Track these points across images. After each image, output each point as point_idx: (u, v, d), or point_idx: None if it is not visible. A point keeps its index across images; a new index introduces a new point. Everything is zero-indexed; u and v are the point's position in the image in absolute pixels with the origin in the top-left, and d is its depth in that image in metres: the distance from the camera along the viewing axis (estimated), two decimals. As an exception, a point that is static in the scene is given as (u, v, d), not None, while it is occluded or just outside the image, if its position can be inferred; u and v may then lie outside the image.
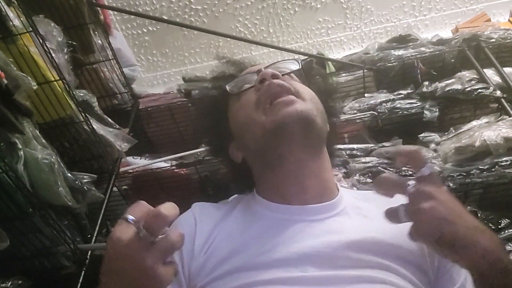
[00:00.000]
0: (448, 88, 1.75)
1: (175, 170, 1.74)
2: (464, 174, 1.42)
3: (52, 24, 1.49)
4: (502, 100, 1.67)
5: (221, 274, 0.62)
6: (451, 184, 1.43)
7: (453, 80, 1.79)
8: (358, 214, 0.68)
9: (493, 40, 1.95)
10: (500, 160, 1.42)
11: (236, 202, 0.74)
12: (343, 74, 2.03)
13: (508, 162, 1.41)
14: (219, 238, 0.66)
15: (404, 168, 1.51)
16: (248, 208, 0.71)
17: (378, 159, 1.58)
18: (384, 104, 1.82)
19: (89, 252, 1.37)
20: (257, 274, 0.60)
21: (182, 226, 0.69)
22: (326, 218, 0.66)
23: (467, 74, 1.83)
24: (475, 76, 1.80)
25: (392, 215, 0.55)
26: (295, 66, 0.77)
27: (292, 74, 0.77)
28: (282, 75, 0.71)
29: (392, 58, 1.97)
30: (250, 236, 0.65)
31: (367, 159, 1.59)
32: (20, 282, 1.23)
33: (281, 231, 0.64)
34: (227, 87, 0.75)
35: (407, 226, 0.57)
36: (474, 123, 1.62)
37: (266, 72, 0.69)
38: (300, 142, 0.66)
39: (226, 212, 0.71)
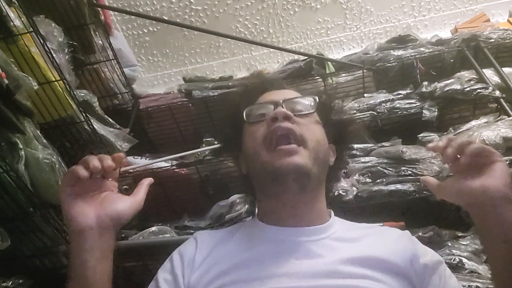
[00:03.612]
0: (447, 88, 1.75)
1: (176, 170, 1.75)
2: (463, 173, 1.42)
3: (53, 24, 1.49)
4: (501, 100, 1.67)
5: (220, 285, 0.68)
6: (450, 184, 1.43)
7: (452, 80, 1.80)
8: (348, 237, 0.75)
9: (492, 40, 1.95)
10: (499, 159, 1.42)
11: (238, 227, 0.82)
12: (343, 74, 2.04)
13: (507, 162, 1.41)
14: (219, 255, 0.73)
15: (403, 168, 1.51)
16: (248, 231, 0.78)
17: (377, 159, 1.58)
18: (383, 104, 1.82)
19: (90, 251, 1.37)
20: (255, 285, 0.66)
21: (184, 246, 0.79)
22: (319, 240, 0.73)
23: (466, 74, 1.83)
24: (474, 76, 1.81)
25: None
26: (311, 108, 0.80)
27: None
28: (295, 115, 0.75)
29: (392, 58, 1.97)
30: (250, 255, 0.72)
31: (367, 159, 1.59)
32: (21, 281, 1.23)
33: (277, 250, 0.71)
34: (244, 112, 0.80)
35: (392, 244, 0.73)
36: (473, 123, 1.63)
37: (280, 112, 0.74)
38: (294, 190, 0.72)
39: (227, 235, 0.79)
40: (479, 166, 0.63)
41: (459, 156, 0.64)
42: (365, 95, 1.95)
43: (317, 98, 0.81)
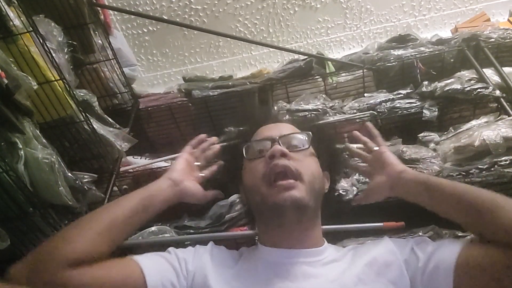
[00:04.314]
0: (447, 88, 1.75)
1: (175, 170, 1.74)
2: (464, 173, 1.42)
3: (52, 24, 1.49)
4: (502, 99, 1.67)
5: None
6: (450, 184, 1.43)
7: (452, 79, 1.80)
8: (340, 259, 0.82)
9: (493, 40, 1.95)
10: (499, 159, 1.42)
11: (243, 251, 0.89)
12: (343, 74, 2.04)
13: (507, 162, 1.41)
14: (226, 275, 0.79)
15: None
16: (252, 255, 0.85)
17: (377, 158, 1.58)
18: (383, 103, 1.82)
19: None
20: None
21: (199, 245, 0.87)
22: (314, 261, 0.79)
23: (466, 74, 1.83)
24: (475, 76, 1.81)
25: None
26: (306, 142, 0.87)
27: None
28: (290, 151, 0.83)
29: (392, 58, 1.97)
30: (253, 277, 0.78)
31: (367, 158, 1.59)
32: (20, 281, 1.23)
33: (275, 270, 0.78)
34: (244, 150, 0.87)
35: (378, 254, 0.79)
36: (474, 122, 1.62)
37: (277, 150, 0.81)
38: (292, 221, 0.79)
39: (234, 256, 0.86)
40: (376, 164, 0.89)
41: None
42: (365, 94, 1.95)
43: (310, 133, 0.88)
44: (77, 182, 1.31)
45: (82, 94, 1.56)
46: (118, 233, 0.76)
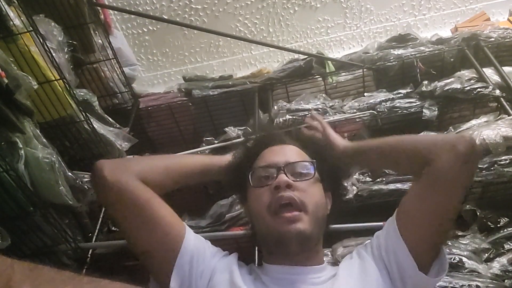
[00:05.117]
0: (447, 87, 1.75)
1: (175, 169, 1.75)
2: (463, 173, 1.42)
3: (53, 23, 1.49)
4: (501, 99, 1.67)
5: None
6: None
7: (452, 79, 1.80)
8: (334, 276, 0.84)
9: (492, 39, 1.95)
10: (499, 159, 1.42)
11: (251, 266, 0.91)
12: (343, 74, 2.04)
13: (507, 161, 1.41)
14: (249, 280, 0.82)
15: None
16: (259, 272, 0.87)
17: (377, 158, 1.58)
18: (383, 103, 1.82)
19: (90, 250, 1.38)
20: None
21: (229, 254, 0.90)
22: (314, 278, 0.82)
23: (466, 73, 1.83)
24: (474, 75, 1.81)
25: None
26: (311, 169, 0.88)
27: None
28: (295, 181, 0.83)
29: (392, 58, 1.97)
30: None
31: (367, 158, 1.59)
32: (21, 280, 1.23)
33: (283, 286, 0.81)
34: (250, 177, 0.87)
35: (361, 264, 0.84)
36: (473, 122, 1.63)
37: (282, 182, 0.82)
38: (296, 251, 0.81)
39: (248, 271, 0.88)
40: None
41: None
42: (365, 94, 1.95)
43: (315, 161, 0.89)
44: (77, 181, 1.32)
45: (82, 93, 1.56)
46: (175, 176, 0.90)
